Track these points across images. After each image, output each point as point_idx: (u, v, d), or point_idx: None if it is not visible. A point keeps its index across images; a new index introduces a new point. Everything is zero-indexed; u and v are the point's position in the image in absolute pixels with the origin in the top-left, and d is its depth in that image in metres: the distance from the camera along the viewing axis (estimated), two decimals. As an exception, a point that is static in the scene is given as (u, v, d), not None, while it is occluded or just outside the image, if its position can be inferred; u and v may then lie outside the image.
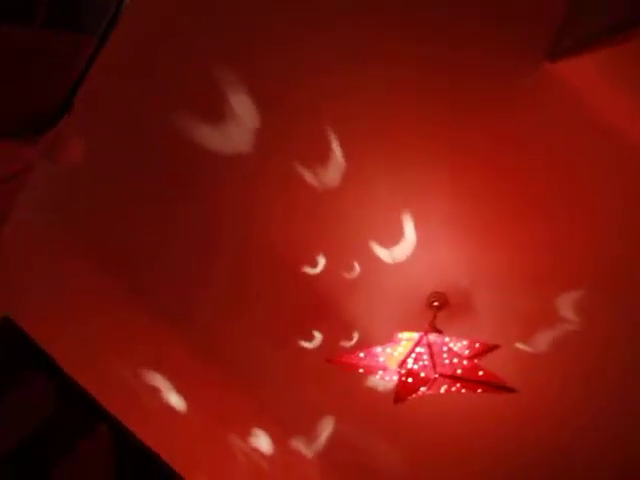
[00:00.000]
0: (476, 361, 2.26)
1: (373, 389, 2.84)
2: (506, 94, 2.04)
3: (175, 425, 2.72)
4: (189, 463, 2.58)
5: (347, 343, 2.75)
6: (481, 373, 2.21)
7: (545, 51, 1.90)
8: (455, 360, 2.25)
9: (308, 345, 2.78)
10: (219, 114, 2.23)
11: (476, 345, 2.29)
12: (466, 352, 2.31)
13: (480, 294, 2.50)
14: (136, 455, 2.44)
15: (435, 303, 2.50)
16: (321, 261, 2.56)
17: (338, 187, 2.34)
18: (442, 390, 2.30)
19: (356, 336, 2.75)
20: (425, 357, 2.27)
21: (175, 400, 2.70)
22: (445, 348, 2.28)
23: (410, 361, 2.28)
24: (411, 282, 2.55)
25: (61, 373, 2.39)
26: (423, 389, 2.24)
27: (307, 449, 3.10)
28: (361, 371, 2.40)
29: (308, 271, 2.58)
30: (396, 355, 2.33)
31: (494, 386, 2.21)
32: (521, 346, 2.56)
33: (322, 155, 2.27)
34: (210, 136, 2.29)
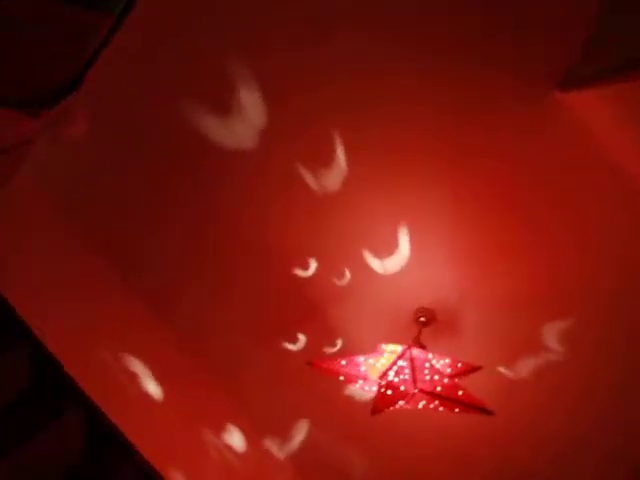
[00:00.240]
0: (457, 380, 2.26)
1: (351, 397, 2.84)
2: (514, 119, 2.05)
3: (150, 413, 2.70)
4: (161, 452, 2.57)
5: (330, 349, 2.75)
6: (461, 393, 2.21)
7: (558, 80, 1.90)
8: (436, 377, 2.25)
9: (291, 347, 2.77)
10: (227, 107, 2.22)
11: (458, 364, 2.30)
12: (448, 370, 2.31)
13: (468, 314, 2.51)
14: (107, 439, 2.42)
15: (422, 318, 2.50)
16: (313, 265, 2.55)
17: (338, 192, 2.34)
18: (420, 406, 2.29)
19: (339, 343, 2.75)
20: (406, 371, 2.27)
21: (153, 388, 2.68)
22: (427, 364, 2.28)
23: (391, 373, 2.28)
24: (400, 295, 2.55)
25: (40, 347, 2.37)
26: (401, 403, 2.24)
27: (280, 450, 3.09)
28: (341, 378, 2.39)
29: (299, 273, 2.57)
30: (378, 366, 2.33)
31: (472, 407, 2.21)
32: (503, 370, 2.56)
33: (325, 159, 2.27)
34: (215, 129, 2.28)
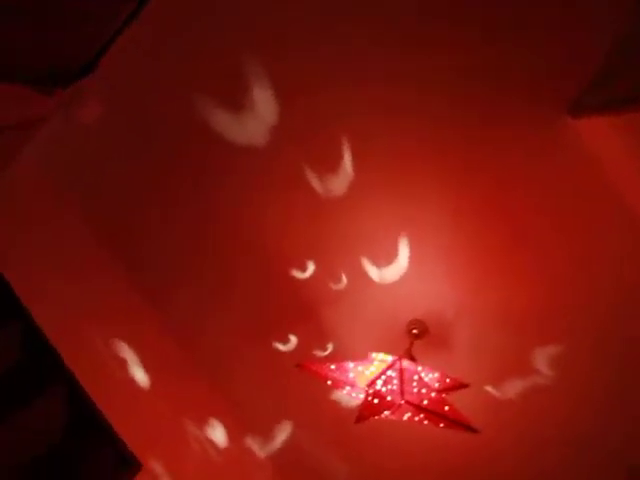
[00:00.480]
0: (444, 395, 2.26)
1: (337, 403, 2.84)
2: (524, 140, 2.05)
3: (135, 400, 2.70)
4: (142, 439, 2.56)
5: (320, 352, 2.75)
6: (447, 408, 2.21)
7: (569, 105, 1.91)
8: (424, 390, 2.25)
9: (282, 347, 2.77)
10: (239, 104, 2.23)
11: (447, 380, 2.29)
12: (436, 385, 2.31)
13: (460, 330, 2.51)
14: (89, 421, 2.42)
15: (414, 330, 2.51)
16: (311, 267, 2.56)
17: (342, 197, 2.34)
18: (405, 417, 2.29)
19: (330, 347, 2.75)
20: (395, 382, 2.27)
21: (140, 376, 2.68)
22: (416, 377, 2.28)
23: (379, 383, 2.28)
24: (395, 305, 2.55)
25: (33, 325, 2.37)
26: (387, 413, 2.24)
27: (261, 449, 3.09)
28: (329, 383, 2.39)
29: (296, 274, 2.58)
30: (367, 374, 2.33)
31: (457, 424, 2.21)
32: (490, 389, 2.56)
33: (332, 163, 2.27)
34: (226, 124, 2.29)
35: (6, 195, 2.41)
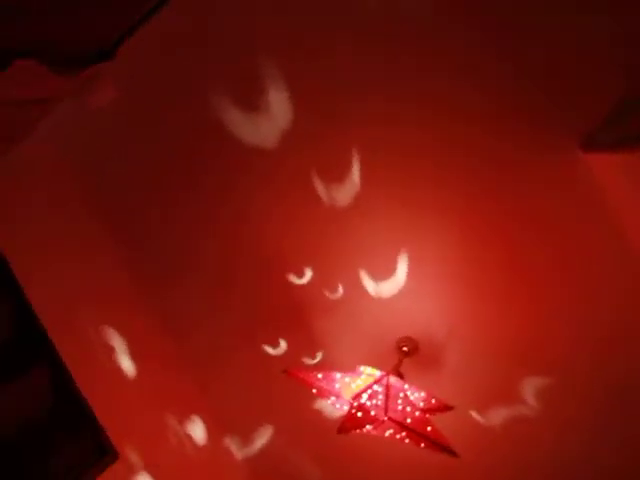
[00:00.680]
0: (427, 415, 2.25)
1: (320, 412, 2.82)
2: (532, 171, 2.06)
3: (118, 388, 2.69)
4: (120, 428, 2.55)
5: (309, 360, 2.74)
6: (429, 429, 2.19)
7: (582, 140, 1.92)
8: (408, 409, 2.24)
9: (271, 351, 2.76)
10: (254, 104, 2.24)
11: (432, 400, 2.28)
12: (421, 404, 2.30)
13: (451, 352, 2.50)
14: (70, 405, 2.41)
15: (404, 348, 2.50)
16: (308, 273, 2.55)
17: (346, 207, 2.34)
18: (387, 434, 2.28)
19: (319, 356, 2.74)
20: (380, 397, 2.26)
21: (127, 364, 2.67)
22: (402, 394, 2.27)
23: (365, 396, 2.27)
24: (387, 321, 2.54)
25: (24, 303, 2.37)
26: (369, 427, 2.23)
27: (238, 451, 3.08)
28: (314, 391, 2.38)
29: (293, 280, 2.57)
30: (353, 386, 2.32)
31: (438, 445, 2.20)
32: (474, 415, 2.55)
33: (340, 172, 2.28)
34: (238, 123, 2.30)
35: (15, 169, 2.42)
